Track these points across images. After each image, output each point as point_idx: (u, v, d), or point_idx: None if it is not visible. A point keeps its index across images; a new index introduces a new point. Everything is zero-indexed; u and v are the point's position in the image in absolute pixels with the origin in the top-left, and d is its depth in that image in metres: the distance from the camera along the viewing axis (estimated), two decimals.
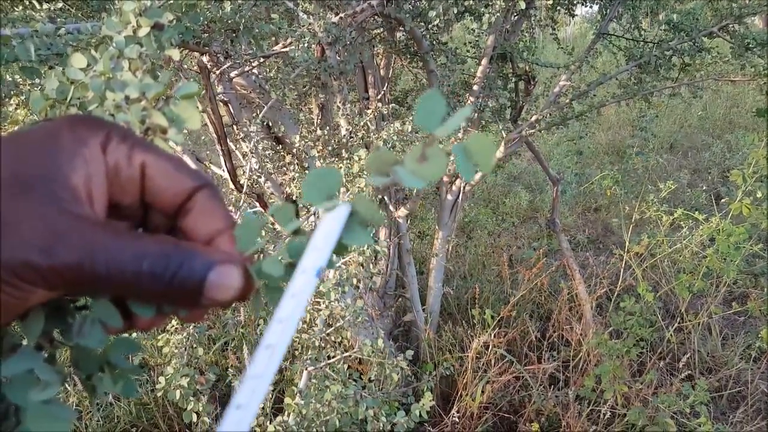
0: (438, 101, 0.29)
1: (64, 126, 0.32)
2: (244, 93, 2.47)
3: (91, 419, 2.67)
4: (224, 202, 0.35)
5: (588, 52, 2.93)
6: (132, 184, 0.33)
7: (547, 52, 7.21)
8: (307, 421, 1.77)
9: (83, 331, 0.32)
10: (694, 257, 3.36)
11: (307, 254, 0.31)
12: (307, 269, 0.31)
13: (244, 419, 0.27)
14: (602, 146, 6.38)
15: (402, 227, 3.02)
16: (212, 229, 0.33)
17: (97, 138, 0.32)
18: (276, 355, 0.29)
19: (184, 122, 0.52)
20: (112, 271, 0.29)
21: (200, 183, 0.34)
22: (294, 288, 0.30)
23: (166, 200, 0.34)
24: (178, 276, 0.30)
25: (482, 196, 5.37)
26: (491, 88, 2.79)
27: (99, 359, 0.37)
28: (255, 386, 0.28)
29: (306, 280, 0.31)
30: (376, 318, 2.92)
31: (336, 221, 0.32)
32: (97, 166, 0.31)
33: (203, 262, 0.31)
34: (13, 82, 1.67)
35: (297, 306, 0.30)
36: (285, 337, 0.29)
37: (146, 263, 0.29)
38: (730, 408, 3.00)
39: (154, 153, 0.33)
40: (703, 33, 2.70)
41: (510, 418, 2.86)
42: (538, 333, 3.21)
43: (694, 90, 3.03)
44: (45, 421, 0.29)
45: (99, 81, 0.71)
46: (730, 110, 7.24)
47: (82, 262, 0.28)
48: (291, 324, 0.30)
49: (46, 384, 0.30)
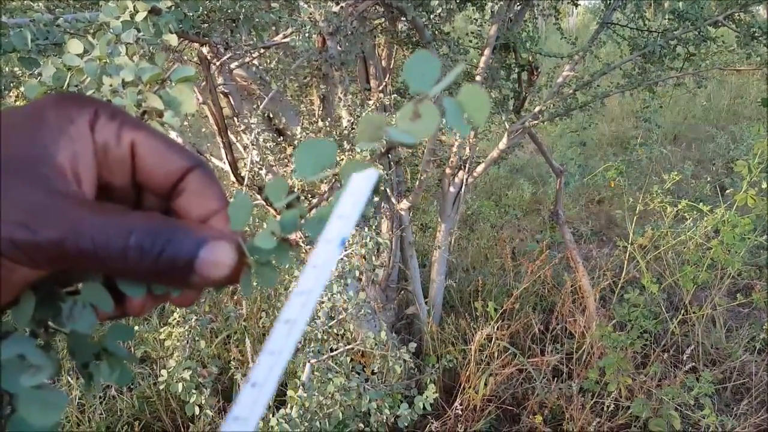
0: (430, 61, 0.27)
1: (50, 104, 0.31)
2: (245, 84, 2.45)
3: (94, 412, 2.67)
4: (218, 181, 0.34)
5: (591, 41, 2.90)
6: (122, 163, 0.32)
7: (551, 42, 7.17)
8: (310, 414, 1.77)
9: (73, 315, 0.31)
10: (698, 249, 3.34)
11: (332, 223, 0.29)
12: (332, 239, 0.29)
13: (260, 398, 0.26)
14: (606, 137, 6.34)
15: (404, 220, 3.00)
16: (206, 210, 0.33)
17: (84, 116, 0.31)
18: (296, 331, 0.27)
19: (179, 105, 0.51)
20: (98, 247, 0.28)
21: (193, 163, 0.33)
22: (317, 259, 0.29)
23: (158, 180, 0.33)
24: (167, 251, 0.29)
25: (485, 188, 5.35)
26: (494, 79, 2.77)
27: (94, 347, 0.36)
28: (272, 363, 0.27)
29: (330, 250, 0.29)
30: (379, 311, 2.91)
31: (364, 187, 0.30)
32: (84, 144, 0.30)
33: (194, 238, 0.29)
34: (11, 73, 1.65)
35: (319, 278, 0.28)
36: (306, 311, 0.28)
37: (133, 238, 0.28)
38: (735, 400, 2.99)
39: (144, 131, 0.32)
40: (708, 22, 2.67)
41: (513, 411, 2.86)
42: (541, 325, 3.20)
43: (699, 80, 3.00)
44: (37, 407, 0.28)
45: (94, 65, 0.69)
46: (734, 101, 7.19)
47: (65, 237, 0.27)
48: (312, 297, 0.28)
49: (37, 369, 0.29)
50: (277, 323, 0.28)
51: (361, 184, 0.30)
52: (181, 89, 0.56)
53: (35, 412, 0.28)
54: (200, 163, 0.33)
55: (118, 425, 2.65)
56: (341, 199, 0.30)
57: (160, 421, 2.70)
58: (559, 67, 3.13)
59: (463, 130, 0.27)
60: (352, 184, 0.30)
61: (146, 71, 0.60)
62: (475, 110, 0.27)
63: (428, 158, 2.89)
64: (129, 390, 2.78)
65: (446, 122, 0.27)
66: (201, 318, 1.94)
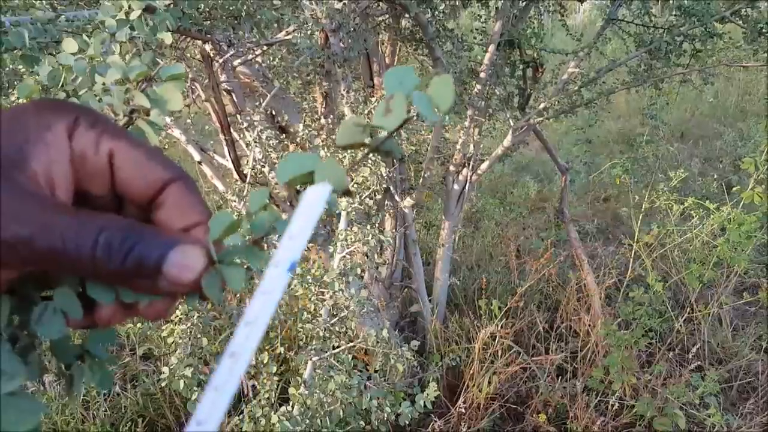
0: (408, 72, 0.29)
1: (31, 109, 0.31)
2: (248, 82, 2.45)
3: (98, 409, 2.68)
4: (199, 194, 0.34)
5: (597, 38, 2.88)
6: (100, 172, 0.32)
7: (556, 39, 7.13)
8: (311, 412, 1.77)
9: (42, 320, 0.31)
10: (704, 247, 3.32)
11: (282, 245, 0.29)
12: (280, 262, 0.28)
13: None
14: (612, 135, 6.31)
15: (408, 217, 2.99)
16: (187, 223, 0.32)
17: (62, 123, 0.31)
18: (239, 364, 0.27)
19: (166, 104, 0.50)
20: (67, 244, 0.28)
21: (173, 174, 0.32)
22: (265, 285, 0.28)
23: (137, 191, 0.32)
24: (135, 251, 0.28)
25: (490, 185, 5.33)
26: (498, 76, 2.76)
27: (77, 349, 0.36)
28: (215, 399, 0.26)
29: (278, 275, 0.28)
30: (382, 309, 2.90)
31: (315, 205, 0.29)
32: (60, 151, 0.30)
33: (164, 240, 0.29)
34: (13, 71, 1.66)
35: (267, 305, 0.28)
36: (251, 342, 0.27)
37: (102, 237, 0.28)
38: (740, 399, 2.97)
39: (125, 141, 0.32)
40: (714, 18, 2.64)
41: (517, 409, 2.85)
42: (545, 324, 3.18)
43: (706, 77, 2.97)
44: (13, 414, 0.28)
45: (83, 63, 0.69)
46: (742, 98, 7.14)
47: (35, 235, 0.27)
48: (259, 327, 0.27)
49: (10, 375, 0.29)
50: (223, 357, 0.27)
51: (312, 201, 0.29)
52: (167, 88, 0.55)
53: (11, 419, 0.28)
54: (181, 175, 0.33)
55: (122, 422, 2.66)
56: (292, 218, 0.29)
57: (164, 418, 2.71)
58: (564, 63, 3.11)
59: (431, 119, 0.28)
60: (303, 201, 0.29)
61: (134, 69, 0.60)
62: (441, 97, 0.28)
63: (432, 156, 2.88)
64: (133, 387, 2.79)
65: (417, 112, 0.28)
66: (203, 315, 1.94)
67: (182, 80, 0.55)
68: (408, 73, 0.29)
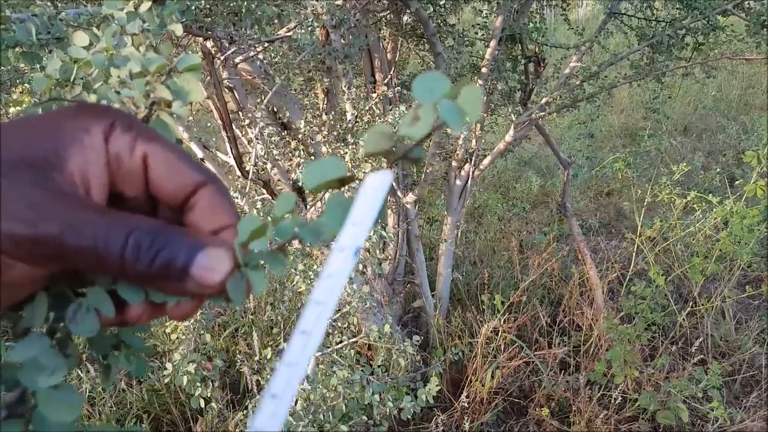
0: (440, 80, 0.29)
1: (70, 112, 0.32)
2: (249, 79, 2.45)
3: (104, 405, 2.69)
4: (230, 197, 0.34)
5: (599, 32, 2.88)
6: (134, 175, 0.33)
7: (558, 33, 7.11)
8: (314, 406, 1.77)
9: (76, 318, 0.32)
10: (707, 240, 3.32)
11: (345, 230, 0.30)
12: (345, 247, 0.29)
13: (279, 410, 0.27)
14: (615, 129, 6.29)
15: (410, 213, 3.00)
16: (217, 225, 0.33)
17: (99, 126, 0.32)
18: (312, 341, 0.28)
19: (187, 94, 0.51)
20: (97, 243, 0.28)
21: (205, 178, 0.33)
22: (330, 268, 0.29)
23: (169, 193, 0.33)
24: (163, 252, 0.29)
25: (492, 181, 5.33)
26: (500, 71, 2.75)
27: (112, 339, 0.37)
28: (290, 375, 0.27)
29: (344, 259, 0.29)
30: (386, 304, 2.91)
31: (377, 191, 0.30)
32: (96, 153, 0.31)
33: (192, 243, 0.30)
34: (14, 68, 1.66)
35: (334, 287, 0.29)
36: (322, 321, 0.28)
37: (132, 238, 0.29)
38: (744, 392, 2.97)
39: (158, 144, 0.33)
40: (717, 11, 2.63)
41: (520, 403, 2.85)
42: (548, 318, 3.19)
43: (708, 70, 2.96)
44: (55, 406, 0.29)
45: (102, 57, 0.70)
46: (745, 91, 7.10)
47: (65, 232, 0.28)
48: (328, 307, 0.29)
49: (52, 370, 0.30)
50: (294, 334, 0.28)
51: (374, 187, 0.30)
52: (187, 78, 0.56)
53: (53, 411, 0.29)
54: (213, 178, 0.34)
55: (128, 418, 2.67)
56: (355, 205, 0.30)
57: (170, 413, 2.72)
58: (566, 58, 3.11)
59: (458, 128, 0.28)
60: (365, 187, 0.30)
61: (153, 61, 0.60)
62: (470, 108, 0.28)
63: (434, 151, 2.89)
64: (138, 383, 2.81)
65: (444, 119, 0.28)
66: (206, 312, 1.95)
67: (200, 71, 0.56)
68: (438, 81, 0.29)
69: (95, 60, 0.75)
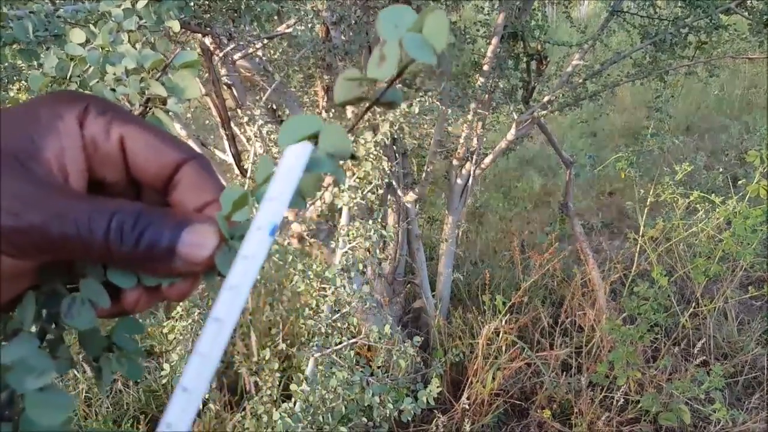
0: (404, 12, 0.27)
1: (44, 101, 0.32)
2: (248, 76, 2.43)
3: (100, 406, 2.68)
4: (214, 172, 0.34)
5: (601, 30, 2.85)
6: (112, 158, 0.32)
7: (560, 31, 7.09)
8: (313, 408, 1.75)
9: (71, 312, 0.31)
10: (710, 241, 3.29)
11: (262, 207, 0.28)
12: (262, 226, 0.28)
13: (190, 404, 0.26)
14: (617, 128, 6.27)
15: (411, 212, 2.98)
16: (202, 201, 0.32)
17: (73, 111, 0.32)
18: (225, 330, 0.27)
19: (182, 91, 0.49)
20: (81, 230, 0.28)
21: (187, 155, 0.33)
22: (247, 249, 0.28)
23: (152, 174, 0.33)
24: (147, 233, 0.29)
25: (494, 180, 5.31)
26: (502, 69, 2.73)
27: (104, 341, 0.37)
28: (201, 367, 0.26)
29: (260, 238, 0.27)
30: (386, 304, 2.89)
31: (296, 162, 0.28)
32: (71, 139, 0.31)
33: (176, 221, 0.30)
34: (12, 66, 1.64)
35: (249, 270, 0.27)
36: (235, 307, 0.27)
37: (114, 221, 0.28)
38: (746, 394, 2.95)
39: (135, 125, 0.32)
40: (720, 9, 2.60)
41: (521, 405, 2.83)
42: (550, 319, 3.16)
43: (711, 69, 2.94)
44: (43, 408, 0.28)
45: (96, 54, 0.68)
46: (748, 90, 7.08)
47: (48, 222, 0.28)
48: (243, 291, 0.27)
49: (40, 371, 0.29)
50: (207, 322, 0.26)
51: (293, 160, 0.28)
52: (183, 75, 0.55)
53: (41, 413, 0.28)
54: (194, 154, 0.33)
55: (125, 419, 2.66)
56: (272, 179, 0.28)
57: None
58: (568, 56, 3.08)
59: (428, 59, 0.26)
60: (283, 160, 0.28)
61: (148, 58, 0.59)
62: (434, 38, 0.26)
63: (435, 150, 2.86)
64: (135, 384, 2.79)
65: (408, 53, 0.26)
66: (204, 312, 1.93)
67: (197, 67, 0.54)
68: (404, 14, 0.27)
69: (90, 56, 0.73)
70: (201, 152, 0.33)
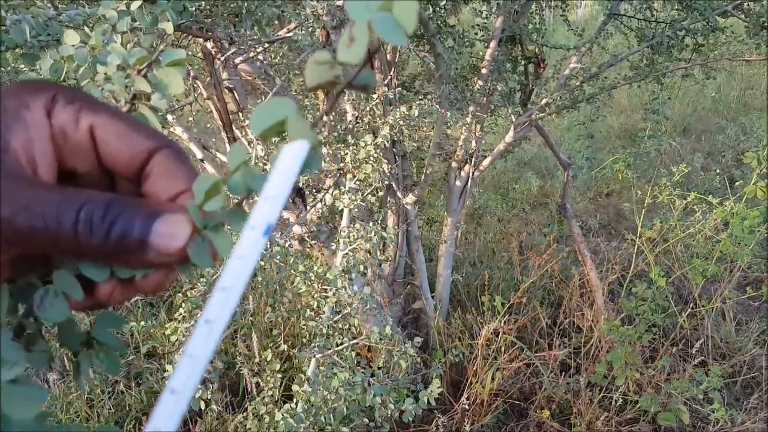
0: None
1: (8, 91, 0.31)
2: (250, 79, 2.45)
3: (102, 407, 2.68)
4: (188, 160, 0.33)
5: (599, 33, 2.88)
6: (82, 148, 0.31)
7: (558, 34, 7.11)
8: (314, 409, 1.77)
9: (44, 304, 0.31)
10: (707, 242, 3.31)
11: (258, 206, 0.28)
12: (257, 225, 0.27)
13: (178, 407, 0.26)
14: (614, 130, 6.30)
15: (410, 214, 2.99)
16: (175, 191, 0.31)
17: (40, 101, 0.31)
18: (215, 331, 0.26)
19: (166, 87, 0.50)
20: (49, 222, 0.27)
21: (158, 144, 0.32)
22: (241, 248, 0.27)
23: (122, 164, 0.32)
24: (118, 224, 0.28)
25: (492, 181, 5.33)
26: (500, 72, 2.75)
27: (83, 336, 0.36)
28: (191, 369, 0.26)
29: (254, 238, 0.27)
30: (386, 305, 2.90)
31: (293, 162, 0.28)
32: (39, 130, 0.30)
33: (148, 210, 0.29)
34: (14, 69, 1.66)
35: (243, 271, 0.27)
36: (226, 309, 0.26)
37: (83, 213, 0.28)
38: (744, 394, 2.97)
39: (105, 114, 0.31)
40: (716, 12, 2.63)
41: (521, 405, 2.85)
42: (548, 320, 3.18)
43: (708, 71, 2.96)
44: (16, 401, 0.28)
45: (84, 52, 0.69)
46: (744, 92, 7.11)
47: (16, 214, 0.27)
48: (235, 292, 0.27)
49: (11, 363, 0.29)
50: (198, 323, 0.26)
51: (290, 158, 0.28)
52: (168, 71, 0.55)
53: (14, 406, 0.28)
54: (167, 143, 0.32)
55: (127, 420, 2.66)
56: (269, 178, 0.28)
57: None
58: (566, 59, 3.10)
59: (400, 40, 0.25)
60: (280, 159, 0.28)
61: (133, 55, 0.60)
62: (403, 18, 0.25)
63: (434, 152, 2.88)
64: (137, 385, 2.80)
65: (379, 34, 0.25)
66: None
67: (184, 65, 0.55)
68: None
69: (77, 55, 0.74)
70: (172, 141, 0.33)
